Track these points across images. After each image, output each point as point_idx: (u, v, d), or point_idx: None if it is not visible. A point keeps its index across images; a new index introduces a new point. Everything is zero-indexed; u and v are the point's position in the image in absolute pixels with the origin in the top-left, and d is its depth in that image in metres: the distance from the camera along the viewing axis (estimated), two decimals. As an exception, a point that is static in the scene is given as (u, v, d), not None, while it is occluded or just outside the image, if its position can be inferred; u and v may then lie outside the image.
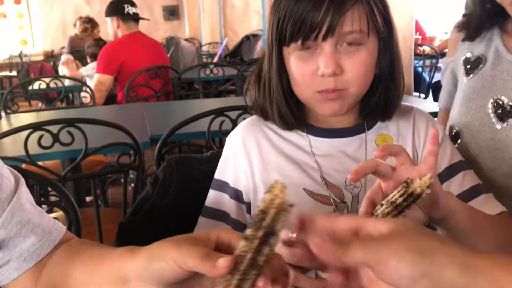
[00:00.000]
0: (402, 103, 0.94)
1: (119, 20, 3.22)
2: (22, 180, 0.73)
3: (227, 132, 1.67)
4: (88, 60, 4.12)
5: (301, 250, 0.53)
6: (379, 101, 0.89)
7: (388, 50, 0.86)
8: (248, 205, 0.93)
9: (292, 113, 0.89)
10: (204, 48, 6.94)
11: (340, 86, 0.82)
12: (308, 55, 0.82)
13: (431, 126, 0.93)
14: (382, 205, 0.66)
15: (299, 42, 0.81)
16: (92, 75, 3.48)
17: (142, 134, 1.88)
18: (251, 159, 0.92)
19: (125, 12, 3.19)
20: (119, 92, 3.25)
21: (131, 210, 0.99)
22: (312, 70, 0.82)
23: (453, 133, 1.14)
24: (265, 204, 0.49)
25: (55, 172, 1.59)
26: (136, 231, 0.96)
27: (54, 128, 1.51)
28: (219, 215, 0.93)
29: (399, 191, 0.65)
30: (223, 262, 0.47)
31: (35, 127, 1.50)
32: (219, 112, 1.59)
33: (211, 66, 3.60)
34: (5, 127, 2.23)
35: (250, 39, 5.20)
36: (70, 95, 3.78)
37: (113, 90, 3.35)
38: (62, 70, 3.97)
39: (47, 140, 1.51)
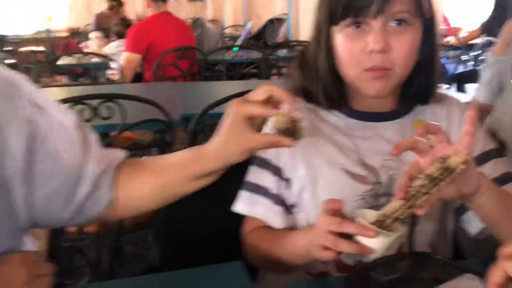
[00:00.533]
0: (440, 92, 0.98)
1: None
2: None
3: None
4: (113, 39, 4.18)
5: None
6: (420, 85, 0.93)
7: (430, 36, 0.90)
8: (289, 181, 0.98)
9: (337, 91, 0.93)
10: (227, 31, 6.95)
11: (387, 65, 0.86)
12: (357, 33, 0.86)
13: (464, 115, 0.97)
14: (419, 178, 0.72)
15: (349, 19, 0.85)
16: (116, 54, 3.54)
17: (174, 112, 1.94)
18: None
19: (154, -9, 3.23)
20: (146, 70, 3.31)
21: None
22: (360, 48, 0.86)
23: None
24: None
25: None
26: (180, 207, 1.03)
27: (93, 102, 1.58)
28: (259, 189, 0.98)
29: (435, 166, 0.70)
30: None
31: (76, 100, 1.56)
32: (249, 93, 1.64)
33: (236, 48, 3.64)
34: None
35: (274, 23, 5.22)
36: (92, 71, 3.85)
37: (139, 68, 3.41)
38: (90, 45, 4.02)
39: (86, 113, 1.58)
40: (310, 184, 0.95)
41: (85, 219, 0.84)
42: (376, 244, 0.72)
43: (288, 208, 0.98)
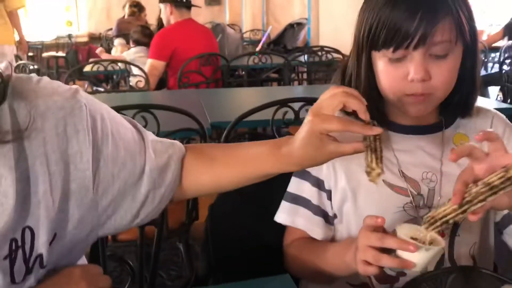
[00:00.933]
0: (480, 105, 0.99)
1: (172, 6, 3.31)
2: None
3: (289, 122, 1.76)
4: (132, 45, 4.23)
5: None
6: (461, 100, 0.94)
7: (472, 55, 0.92)
8: (329, 193, 1.00)
9: (378, 111, 0.95)
10: (246, 35, 6.98)
11: (427, 91, 0.88)
12: (399, 62, 0.88)
13: (509, 129, 0.98)
14: (477, 185, 0.74)
15: (391, 49, 0.86)
16: (135, 60, 3.58)
17: (203, 120, 1.97)
18: None
19: (178, -1, 3.28)
20: (170, 77, 3.36)
21: (220, 194, 1.07)
22: (402, 76, 0.88)
23: None
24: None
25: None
26: (226, 215, 1.06)
27: (128, 113, 1.62)
28: (300, 200, 1.00)
29: (497, 175, 0.72)
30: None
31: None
32: (282, 102, 1.67)
33: (259, 54, 3.67)
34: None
35: (294, 27, 5.24)
36: (114, 77, 3.91)
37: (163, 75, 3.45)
38: (116, 51, 4.08)
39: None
40: (351, 196, 0.97)
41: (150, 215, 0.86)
42: (417, 258, 0.74)
43: (329, 219, 1.00)
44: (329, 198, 1.00)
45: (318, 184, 1.00)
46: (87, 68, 3.54)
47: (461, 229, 0.96)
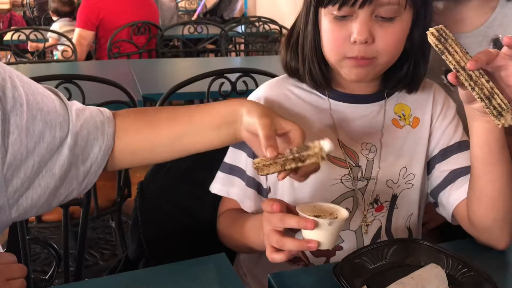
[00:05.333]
0: None
1: (102, -30, 3.10)
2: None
3: (225, 94, 1.69)
4: (53, 17, 3.92)
5: None
6: (406, 74, 0.91)
7: (422, 23, 0.88)
8: None
9: (321, 73, 0.90)
10: (181, 4, 6.75)
11: (369, 55, 0.84)
12: (343, 21, 0.84)
13: (448, 101, 0.98)
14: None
15: (337, 6, 0.82)
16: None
17: (134, 92, 1.86)
18: None
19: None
20: (100, 47, 3.17)
21: (150, 171, 1.00)
22: (344, 36, 0.84)
23: None
24: (312, 147, 0.72)
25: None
26: (156, 192, 0.99)
27: (51, 84, 1.48)
28: (236, 171, 0.95)
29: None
30: (270, 152, 0.72)
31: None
32: (219, 73, 1.59)
33: (195, 24, 3.54)
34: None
35: (231, -3, 5.12)
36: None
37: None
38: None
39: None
40: None
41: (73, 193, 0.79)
42: (319, 235, 0.71)
43: (262, 191, 0.96)
44: None
45: (254, 154, 0.95)
46: (7, 37, 3.26)
47: (399, 201, 0.95)
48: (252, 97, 0.97)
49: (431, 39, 0.72)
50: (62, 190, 0.76)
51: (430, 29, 0.72)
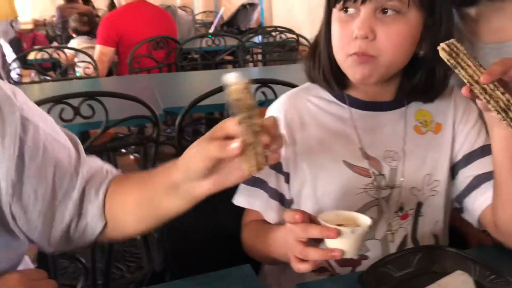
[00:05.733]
0: None
1: (121, -12, 3.17)
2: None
3: (245, 105, 1.70)
4: (73, 35, 4.02)
5: None
6: (419, 83, 0.90)
7: (437, 28, 0.87)
8: (287, 175, 0.96)
9: (333, 75, 0.91)
10: (198, 17, 6.84)
11: (370, 52, 0.84)
12: (347, 18, 0.85)
13: (469, 105, 0.96)
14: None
15: (341, 3, 0.84)
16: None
17: (155, 107, 1.89)
18: (292, 131, 0.94)
19: (126, -21, 3.14)
20: (120, 63, 3.23)
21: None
22: (348, 33, 0.85)
23: None
24: (236, 94, 0.61)
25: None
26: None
27: (74, 102, 1.52)
28: (258, 182, 0.96)
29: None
30: (235, 145, 0.62)
31: (56, 100, 1.50)
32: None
33: (212, 36, 3.58)
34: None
35: (247, 8, 5.16)
36: (62, 64, 3.71)
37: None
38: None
39: (67, 113, 1.52)
40: (311, 179, 0.93)
41: (80, 242, 0.80)
42: (343, 244, 0.70)
43: (284, 203, 0.97)
44: (287, 181, 0.96)
45: (276, 166, 0.96)
46: (31, 56, 3.35)
47: (425, 209, 0.94)
48: (272, 109, 0.98)
49: (442, 54, 0.72)
50: (71, 240, 0.78)
51: (441, 44, 0.72)
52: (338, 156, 0.92)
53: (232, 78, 0.60)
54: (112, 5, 3.77)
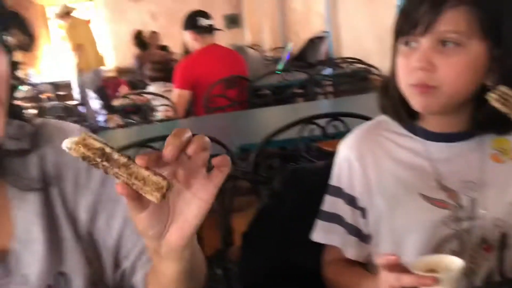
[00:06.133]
0: None
1: (194, 33, 3.34)
2: None
3: (316, 139, 1.73)
4: (149, 83, 4.27)
5: None
6: (492, 114, 0.87)
7: (506, 59, 0.86)
8: (363, 210, 0.96)
9: (403, 107, 0.92)
10: (268, 54, 7.01)
11: (431, 83, 0.85)
12: (410, 51, 0.87)
13: None
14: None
15: (403, 37, 0.87)
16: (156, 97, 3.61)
17: (231, 144, 1.97)
18: (366, 166, 0.95)
19: (199, 25, 3.31)
20: (196, 104, 3.38)
21: (252, 221, 1.05)
22: (409, 65, 0.87)
23: None
24: (80, 152, 0.53)
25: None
26: (259, 241, 1.03)
27: (156, 145, 1.63)
28: (335, 218, 0.97)
29: None
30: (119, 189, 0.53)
31: (140, 144, 1.62)
32: (307, 120, 1.65)
33: (282, 72, 3.66)
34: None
35: (315, 41, 5.23)
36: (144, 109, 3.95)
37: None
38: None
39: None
40: (388, 214, 0.93)
41: None
42: None
43: (363, 238, 0.97)
44: (363, 216, 0.96)
45: (351, 201, 0.97)
46: (115, 102, 3.61)
47: (511, 240, 0.90)
48: (343, 144, 1.00)
49: (494, 103, 0.71)
50: None
51: (491, 94, 0.72)
52: (414, 189, 0.92)
53: (67, 143, 0.53)
54: (186, 50, 3.99)
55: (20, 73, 0.69)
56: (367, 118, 1.39)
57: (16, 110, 0.67)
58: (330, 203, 0.99)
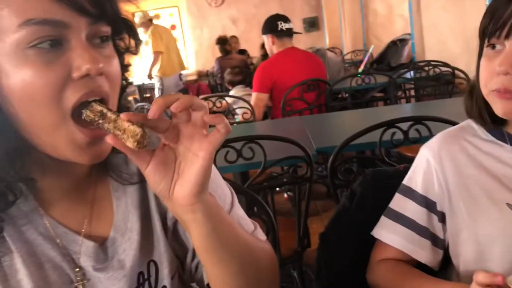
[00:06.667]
0: None
1: (273, 37, 3.39)
2: (234, 195, 0.86)
3: (398, 143, 1.69)
4: (229, 87, 4.39)
5: None
6: None
7: None
8: (442, 215, 0.94)
9: (488, 112, 0.89)
10: (347, 57, 6.93)
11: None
12: (495, 54, 0.83)
13: None
14: None
15: (488, 39, 0.83)
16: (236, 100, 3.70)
17: (308, 147, 1.97)
18: (445, 171, 0.93)
19: (279, 29, 3.35)
20: (274, 106, 3.42)
21: (330, 222, 1.06)
22: (491, 69, 0.83)
23: None
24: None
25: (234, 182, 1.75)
26: (337, 242, 1.04)
27: (237, 145, 1.68)
28: (402, 219, 0.95)
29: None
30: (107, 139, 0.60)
31: (222, 144, 1.67)
32: (389, 124, 1.61)
33: (362, 75, 3.61)
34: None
35: (397, 44, 5.09)
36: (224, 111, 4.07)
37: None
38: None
39: (231, 155, 1.69)
40: (470, 222, 0.89)
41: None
42: None
43: (437, 243, 0.94)
44: (442, 220, 0.94)
45: (428, 204, 0.94)
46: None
47: None
48: (425, 147, 0.98)
49: None
50: None
51: None
52: (500, 198, 0.87)
53: (84, 112, 0.62)
54: (264, 53, 4.06)
55: (128, 75, 0.75)
56: (452, 123, 1.34)
57: (123, 109, 0.73)
58: (399, 202, 0.97)
